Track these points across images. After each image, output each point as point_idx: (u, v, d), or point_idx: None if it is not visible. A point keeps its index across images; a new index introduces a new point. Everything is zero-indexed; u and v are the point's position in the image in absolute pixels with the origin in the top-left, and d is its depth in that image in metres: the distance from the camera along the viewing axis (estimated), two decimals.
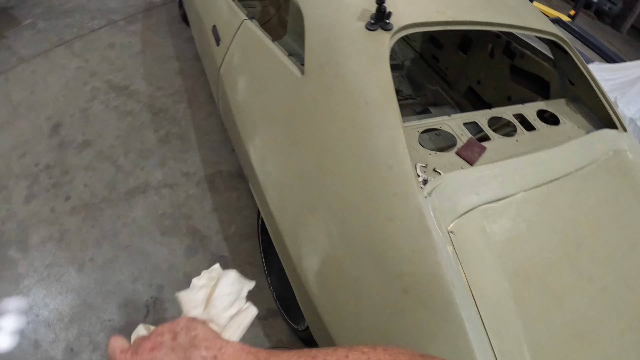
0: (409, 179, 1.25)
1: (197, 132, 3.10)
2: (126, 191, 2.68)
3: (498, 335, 1.19)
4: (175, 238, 2.51)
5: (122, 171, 2.78)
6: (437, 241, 1.19)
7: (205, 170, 2.88)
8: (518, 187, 1.44)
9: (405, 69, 3.42)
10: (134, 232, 2.52)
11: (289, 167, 1.54)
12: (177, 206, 2.66)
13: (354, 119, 1.37)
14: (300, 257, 1.45)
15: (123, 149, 2.91)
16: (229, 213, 2.68)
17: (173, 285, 2.32)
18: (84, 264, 2.35)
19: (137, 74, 3.44)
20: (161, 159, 2.89)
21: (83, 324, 2.15)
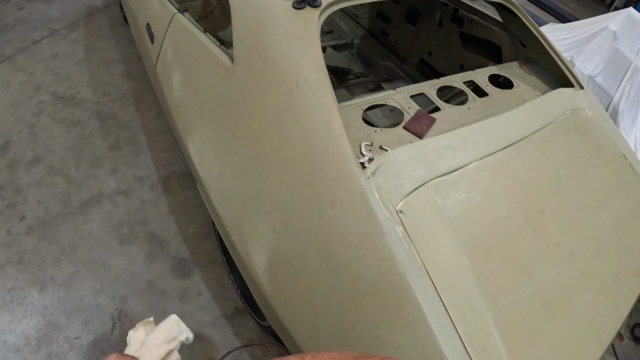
0: (347, 160, 1.16)
1: (147, 135, 3.01)
2: (80, 204, 2.59)
3: (462, 316, 1.11)
4: (134, 246, 2.43)
5: (75, 183, 2.68)
6: (383, 223, 1.11)
7: (158, 173, 2.80)
8: (471, 157, 1.36)
9: (355, 47, 3.34)
10: (92, 244, 2.43)
11: (227, 161, 1.44)
12: (133, 212, 2.57)
13: (286, 104, 1.28)
14: (249, 253, 1.36)
15: (73, 160, 2.81)
16: (186, 213, 2.60)
17: (136, 295, 2.25)
18: (45, 284, 2.26)
19: (83, 82, 3.33)
20: (113, 166, 2.79)
21: (51, 345, 2.08)
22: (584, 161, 1.65)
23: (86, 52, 3.60)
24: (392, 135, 1.39)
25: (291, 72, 1.30)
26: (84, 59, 3.53)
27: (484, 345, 1.11)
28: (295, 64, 1.31)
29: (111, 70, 3.44)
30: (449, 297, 1.11)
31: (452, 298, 1.11)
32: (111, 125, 3.04)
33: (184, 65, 1.78)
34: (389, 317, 1.09)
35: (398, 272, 1.08)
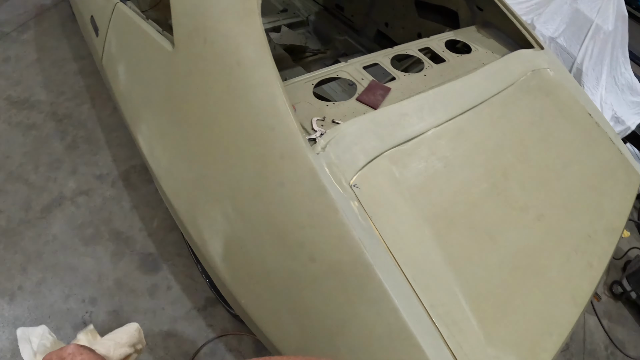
0: (294, 137, 1.10)
1: (105, 131, 2.93)
2: (42, 208, 2.51)
3: (426, 288, 1.06)
4: (99, 245, 2.37)
5: (35, 188, 2.60)
6: (336, 199, 1.05)
7: (118, 169, 2.73)
8: (428, 124, 1.31)
9: (310, 24, 3.26)
10: (57, 248, 2.36)
11: (175, 149, 1.37)
12: (96, 212, 2.50)
13: (227, 84, 1.21)
14: (205, 242, 1.29)
15: (32, 165, 2.72)
16: (150, 207, 2.54)
17: (106, 295, 2.19)
18: (14, 294, 2.20)
19: (36, 84, 3.22)
20: (72, 167, 2.71)
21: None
22: (548, 122, 1.61)
23: (38, 53, 3.48)
24: (345, 109, 1.33)
25: (232, 51, 1.23)
26: (36, 60, 3.42)
27: (453, 317, 1.07)
28: (235, 43, 1.24)
29: (64, 69, 3.34)
30: (412, 271, 1.06)
31: (415, 271, 1.06)
32: (67, 125, 2.95)
33: (128, 55, 1.69)
34: (350, 296, 1.04)
35: (355, 249, 1.02)
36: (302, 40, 2.92)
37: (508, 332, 1.13)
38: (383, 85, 1.43)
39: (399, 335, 1.01)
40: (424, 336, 1.01)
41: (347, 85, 1.72)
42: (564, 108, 1.71)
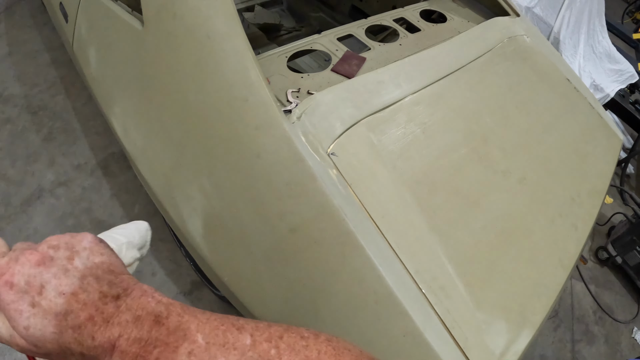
0: (268, 107, 1.07)
1: (81, 120, 2.89)
2: (21, 202, 2.47)
3: (411, 255, 1.04)
4: None
5: (13, 183, 2.56)
6: (313, 167, 1.02)
7: (96, 158, 2.69)
8: (405, 91, 1.29)
9: (284, 2, 3.19)
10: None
11: (149, 129, 1.34)
12: (76, 202, 2.47)
13: (198, 58, 1.17)
14: (184, 222, 1.26)
15: (9, 159, 2.67)
16: (130, 194, 2.52)
17: None
18: None
19: (9, 78, 3.15)
20: (49, 159, 2.67)
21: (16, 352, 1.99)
22: (527, 87, 1.60)
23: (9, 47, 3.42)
24: (320, 79, 1.30)
25: (201, 25, 1.19)
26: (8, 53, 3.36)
27: (440, 283, 1.05)
28: (205, 15, 1.20)
29: (37, 61, 3.29)
30: (395, 237, 1.04)
31: (398, 238, 1.04)
32: (43, 117, 2.91)
33: (98, 38, 1.64)
34: (333, 266, 1.01)
35: (336, 217, 1.00)
36: (277, 19, 2.87)
37: (496, 296, 1.12)
38: (358, 55, 1.41)
39: (385, 303, 0.99)
40: (410, 303, 0.99)
41: (322, 60, 1.69)
42: (542, 74, 1.70)
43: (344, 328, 1.03)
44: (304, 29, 2.83)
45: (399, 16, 1.69)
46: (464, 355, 1.01)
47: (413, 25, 1.68)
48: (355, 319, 1.01)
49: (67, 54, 3.23)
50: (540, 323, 1.17)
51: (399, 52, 1.49)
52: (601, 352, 2.32)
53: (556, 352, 2.22)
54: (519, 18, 1.86)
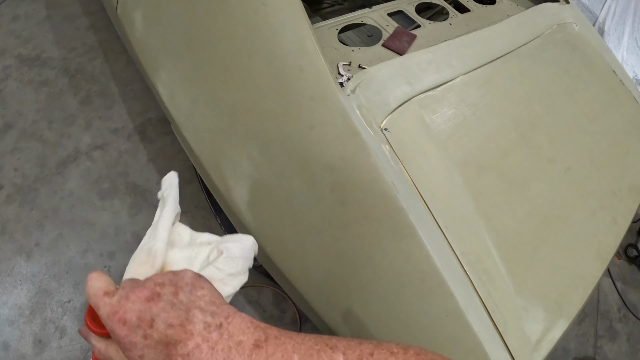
0: (324, 78, 1.06)
1: (118, 85, 2.87)
2: (57, 164, 2.49)
3: (458, 236, 1.03)
4: (116, 199, 2.35)
5: (49, 145, 2.57)
6: (368, 142, 1.01)
7: (133, 122, 2.68)
8: (456, 71, 1.27)
9: None
10: (73, 204, 2.34)
11: (197, 94, 1.33)
12: (112, 166, 2.48)
13: (253, 25, 1.16)
14: (229, 189, 1.26)
15: (46, 121, 2.69)
16: (166, 160, 2.52)
17: (124, 249, 2.19)
18: (31, 251, 2.19)
19: (47, 41, 3.14)
20: (86, 122, 2.67)
21: (45, 312, 2.04)
22: (574, 76, 1.57)
23: (47, 10, 3.40)
24: (371, 54, 1.29)
25: None
26: (46, 17, 3.35)
27: (484, 266, 1.05)
28: None
29: (75, 25, 3.27)
30: (444, 217, 1.03)
31: (446, 218, 1.04)
32: (80, 80, 2.89)
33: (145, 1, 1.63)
34: (381, 242, 1.01)
35: (388, 193, 0.99)
36: None
37: (536, 283, 1.11)
38: (409, 32, 1.39)
39: (431, 283, 0.99)
40: (455, 284, 0.99)
41: (365, 36, 1.67)
42: (589, 63, 1.66)
43: (387, 303, 1.03)
44: (346, 2, 2.78)
45: None
46: (502, 339, 1.01)
47: (462, 5, 1.65)
48: (399, 295, 1.02)
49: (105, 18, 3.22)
50: (575, 314, 1.16)
51: (448, 32, 1.47)
52: (622, 350, 2.31)
53: (578, 345, 2.22)
54: (569, 5, 1.82)
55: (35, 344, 1.94)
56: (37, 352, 1.92)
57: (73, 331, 1.99)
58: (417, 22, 1.47)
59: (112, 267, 2.13)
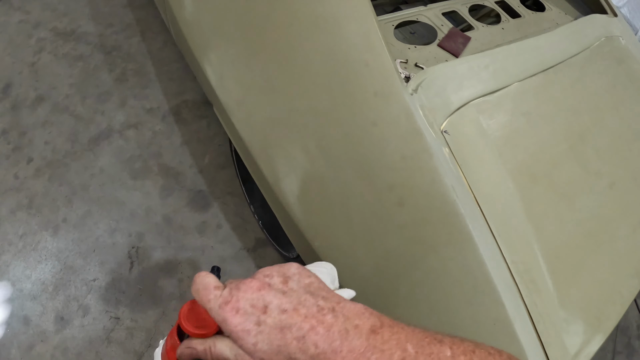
0: (389, 75, 1.05)
1: (155, 65, 2.84)
2: (89, 140, 2.47)
3: (509, 244, 1.03)
4: (148, 180, 2.33)
5: (82, 120, 2.55)
6: (430, 143, 1.00)
7: (169, 103, 2.65)
8: (512, 77, 1.26)
9: None
10: (104, 181, 2.33)
11: (250, 79, 1.31)
12: (145, 146, 2.46)
13: (318, 15, 1.14)
14: (278, 179, 1.25)
15: (79, 96, 2.66)
16: (201, 144, 2.48)
17: (153, 231, 2.17)
18: (58, 226, 2.18)
19: (83, 16, 3.10)
20: (121, 99, 2.65)
21: (68, 289, 2.03)
22: (620, 91, 1.55)
23: None
24: (427, 53, 1.27)
25: None
26: None
27: (532, 276, 1.04)
28: None
29: (113, 1, 3.23)
30: (497, 225, 1.02)
31: (499, 226, 1.03)
32: (116, 58, 2.86)
33: None
34: (436, 245, 1.00)
35: (447, 197, 0.98)
36: None
37: (578, 296, 1.11)
38: (463, 33, 1.37)
39: (483, 289, 0.98)
40: (505, 292, 0.99)
41: (408, 33, 1.66)
42: (635, 79, 1.65)
43: (436, 306, 1.03)
44: None
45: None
46: (544, 350, 1.01)
47: (513, 9, 1.63)
48: (449, 300, 1.01)
49: None
50: (612, 329, 1.16)
51: (501, 36, 1.46)
52: None
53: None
54: (617, 18, 1.80)
55: (57, 320, 1.94)
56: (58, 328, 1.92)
57: (96, 310, 1.98)
58: (471, 24, 1.46)
59: (140, 248, 2.12)
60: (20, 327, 1.92)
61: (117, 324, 1.94)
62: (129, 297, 2.00)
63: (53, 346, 1.89)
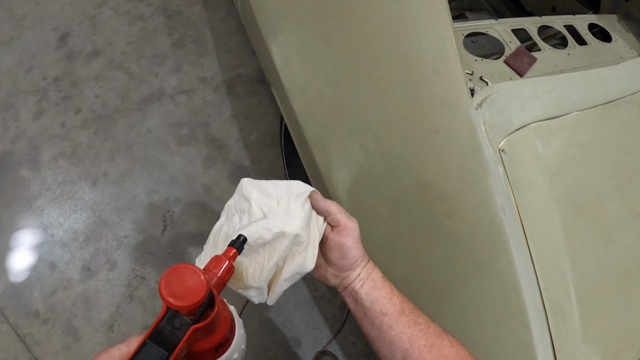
0: (459, 86, 1.05)
1: (214, 35, 2.85)
2: (139, 100, 2.50)
3: (545, 271, 1.04)
4: (193, 147, 2.36)
5: (135, 79, 2.58)
6: (488, 160, 1.01)
7: (223, 75, 2.66)
8: (573, 106, 1.25)
9: None
10: (149, 142, 2.36)
11: (317, 68, 1.32)
12: (194, 113, 2.48)
13: (395, 14, 1.14)
14: (330, 169, 1.27)
15: (135, 55, 2.69)
16: (250, 120, 2.50)
17: (191, 197, 2.20)
18: (97, 179, 2.23)
19: None
20: (176, 64, 2.67)
21: (99, 242, 2.08)
22: None
23: None
24: (493, 68, 1.27)
25: None
26: None
27: (561, 306, 1.05)
28: None
29: None
30: (537, 250, 1.03)
31: (539, 251, 1.04)
32: (176, 22, 2.88)
33: None
34: (477, 261, 1.02)
35: (496, 216, 0.99)
36: None
37: (601, 333, 1.12)
38: (530, 53, 1.37)
39: (513, 311, 1.00)
40: (534, 316, 1.00)
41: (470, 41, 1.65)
42: None
43: (463, 320, 1.04)
44: (454, 2, 2.72)
45: (569, 23, 1.63)
46: None
47: (581, 36, 1.62)
48: (479, 314, 1.03)
49: None
50: None
51: (565, 62, 1.45)
52: None
53: None
54: None
55: (83, 270, 1.98)
56: (83, 278, 1.96)
57: (123, 267, 2.02)
58: (538, 44, 1.45)
59: (175, 213, 2.15)
60: (46, 272, 1.97)
61: (141, 283, 1.98)
62: (157, 259, 2.04)
63: (75, 294, 1.94)
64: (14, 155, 2.28)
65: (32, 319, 1.90)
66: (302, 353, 1.91)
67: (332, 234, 0.83)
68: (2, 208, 2.12)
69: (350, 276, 0.82)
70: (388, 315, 0.77)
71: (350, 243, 0.81)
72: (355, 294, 0.81)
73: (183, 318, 0.57)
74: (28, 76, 2.56)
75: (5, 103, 2.45)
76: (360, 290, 0.81)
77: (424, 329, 0.78)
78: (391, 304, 0.79)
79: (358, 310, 0.81)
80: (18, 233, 2.07)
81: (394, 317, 0.77)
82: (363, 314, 0.80)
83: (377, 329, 0.77)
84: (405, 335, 0.75)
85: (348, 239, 0.82)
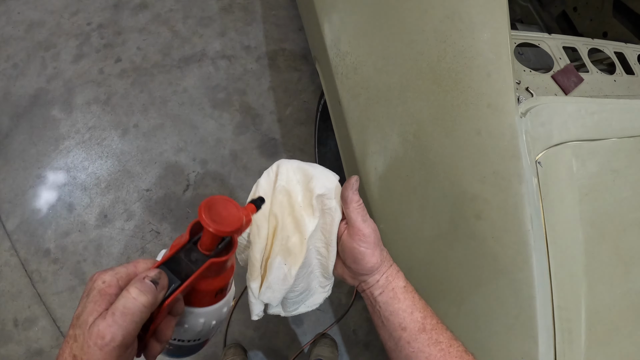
0: (507, 91, 1.04)
1: (263, 6, 2.83)
2: (180, 58, 2.49)
3: (561, 289, 1.04)
4: (226, 113, 2.35)
5: (179, 37, 2.58)
6: (525, 169, 1.01)
7: (267, 46, 2.65)
8: (613, 132, 1.24)
9: None
10: (184, 101, 2.35)
11: (368, 52, 1.31)
12: (233, 79, 2.47)
13: (454, 11, 1.13)
14: (365, 153, 1.26)
15: (182, 14, 2.68)
16: (287, 94, 2.48)
17: (217, 161, 2.20)
18: (127, 130, 2.23)
19: None
20: (222, 29, 2.66)
21: (120, 191, 2.08)
22: None
23: None
24: (540, 81, 1.26)
25: None
26: None
27: (570, 326, 1.05)
28: None
29: None
30: (557, 267, 1.03)
31: (559, 268, 1.03)
32: None
33: None
34: (499, 266, 1.02)
35: (523, 226, 0.99)
36: None
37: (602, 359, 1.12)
38: (578, 73, 1.35)
39: (524, 322, 1.00)
40: (543, 332, 1.00)
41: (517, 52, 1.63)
42: None
43: (475, 321, 1.05)
44: None
45: (620, 50, 1.61)
46: None
47: (629, 65, 1.59)
48: (489, 322, 1.03)
49: None
50: None
51: (611, 88, 1.43)
52: None
53: None
54: None
55: (100, 217, 1.99)
56: (99, 224, 1.97)
57: (140, 219, 2.03)
58: (587, 65, 1.43)
59: (199, 174, 2.15)
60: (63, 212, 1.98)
61: (155, 238, 1.99)
62: (175, 217, 2.05)
63: (89, 239, 1.95)
64: (48, 95, 2.29)
65: (41, 257, 1.91)
66: (302, 332, 1.92)
67: (345, 235, 0.78)
68: (30, 144, 2.13)
69: (367, 281, 0.77)
70: (407, 330, 0.72)
71: (364, 249, 0.75)
72: (373, 301, 0.77)
73: (200, 253, 0.58)
74: (73, 19, 2.56)
75: (46, 42, 2.45)
76: (379, 298, 0.75)
77: (445, 349, 0.71)
78: (412, 318, 0.73)
79: (376, 318, 0.77)
80: (41, 171, 2.08)
81: (414, 333, 0.72)
82: (381, 323, 0.76)
83: (394, 342, 0.73)
84: (423, 354, 0.71)
85: (361, 245, 0.75)
